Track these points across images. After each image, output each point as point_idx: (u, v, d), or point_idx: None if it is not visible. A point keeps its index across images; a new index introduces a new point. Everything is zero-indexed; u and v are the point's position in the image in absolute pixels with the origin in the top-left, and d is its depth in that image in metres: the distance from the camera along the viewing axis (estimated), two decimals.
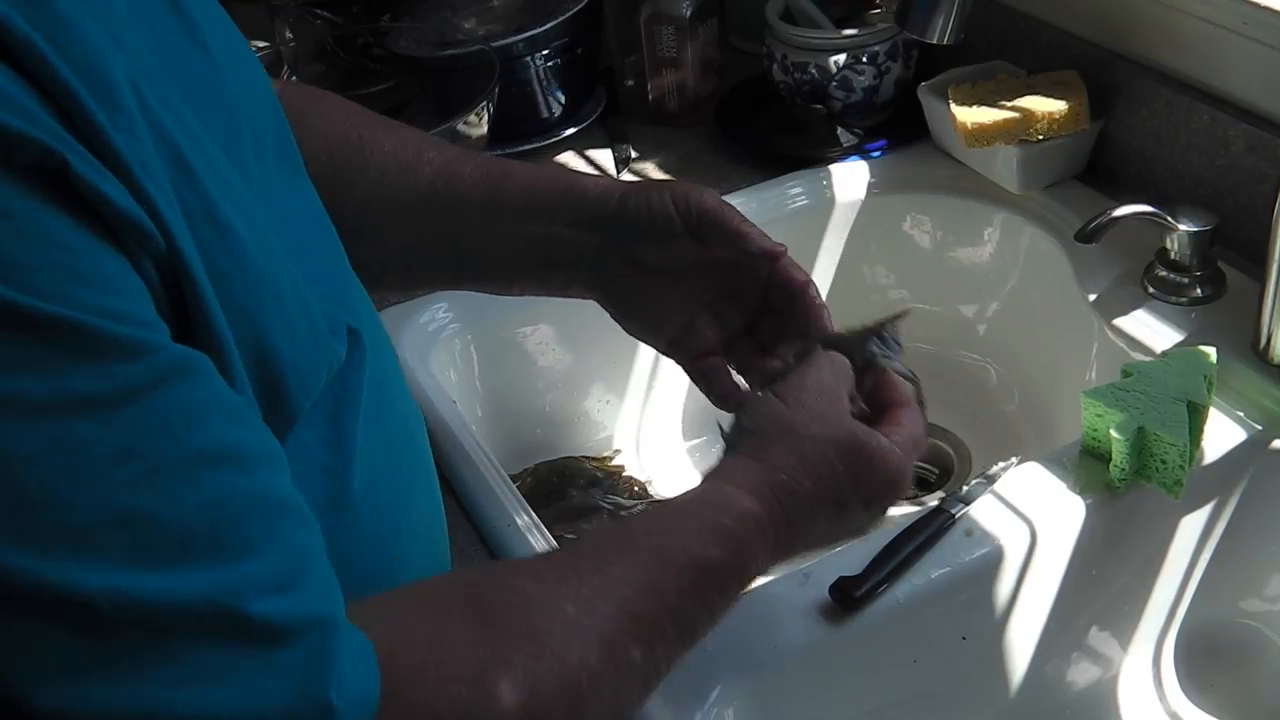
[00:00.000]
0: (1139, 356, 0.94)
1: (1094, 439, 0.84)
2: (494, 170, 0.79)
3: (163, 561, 0.41)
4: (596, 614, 0.55)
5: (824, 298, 1.19)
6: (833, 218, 1.18)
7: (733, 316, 0.79)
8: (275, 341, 0.51)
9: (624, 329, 0.81)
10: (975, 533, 0.81)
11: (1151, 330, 0.96)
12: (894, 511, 1.08)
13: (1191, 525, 0.89)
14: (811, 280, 0.77)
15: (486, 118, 1.13)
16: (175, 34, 0.53)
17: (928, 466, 1.16)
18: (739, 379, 0.79)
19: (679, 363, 0.80)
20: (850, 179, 1.18)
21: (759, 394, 0.71)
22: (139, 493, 0.41)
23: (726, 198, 1.14)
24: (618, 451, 1.15)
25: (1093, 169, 1.11)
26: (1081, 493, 0.83)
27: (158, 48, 0.50)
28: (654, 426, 1.18)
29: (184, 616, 0.41)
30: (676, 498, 0.66)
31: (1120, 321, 0.98)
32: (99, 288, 0.42)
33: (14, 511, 0.39)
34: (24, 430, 0.39)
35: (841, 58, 1.17)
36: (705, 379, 0.79)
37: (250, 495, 0.44)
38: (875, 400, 0.73)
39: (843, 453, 0.67)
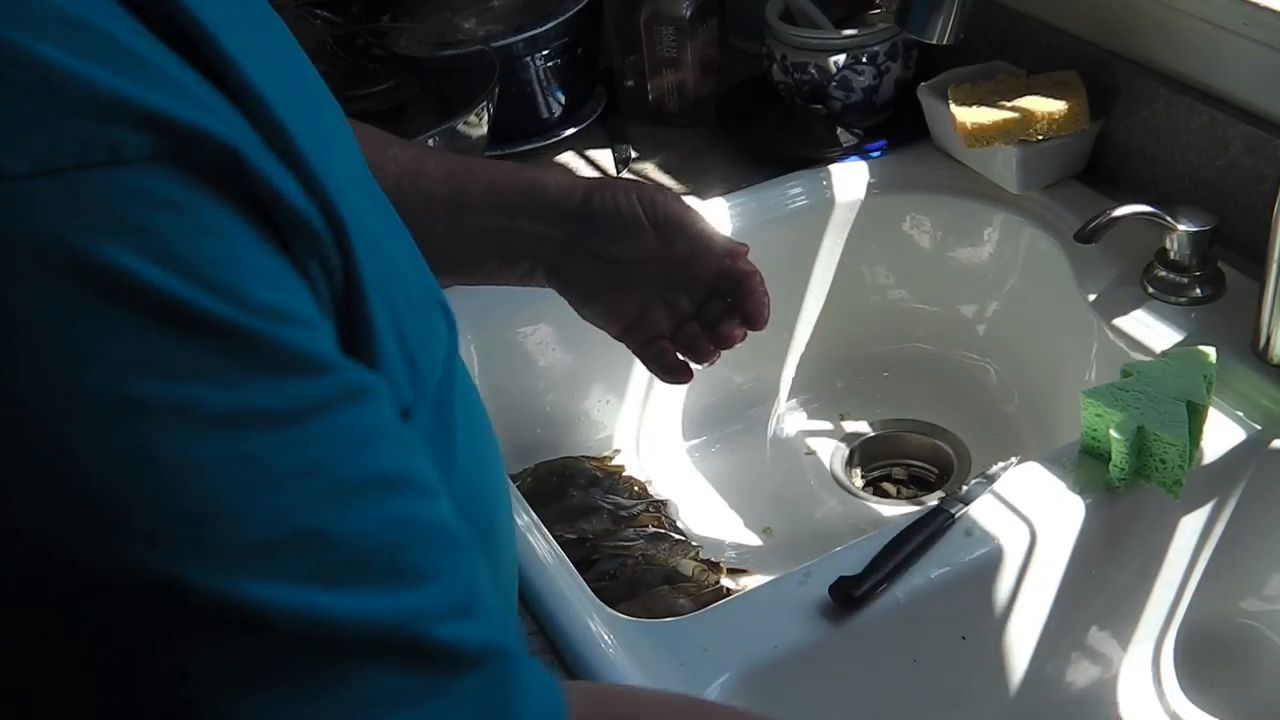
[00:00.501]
0: (1139, 356, 0.94)
1: (1094, 439, 0.84)
2: (457, 167, 0.82)
3: (343, 581, 0.40)
4: None
5: (824, 298, 1.20)
6: (833, 218, 1.18)
7: (683, 304, 0.83)
8: (404, 321, 0.51)
9: (580, 315, 0.84)
10: (975, 533, 0.81)
11: (1151, 330, 0.96)
12: (894, 511, 1.09)
13: (1191, 525, 0.89)
14: (757, 271, 0.82)
15: (486, 118, 1.14)
16: (249, 19, 0.53)
17: (928, 466, 1.16)
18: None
19: (630, 346, 0.84)
20: (850, 179, 1.18)
21: None
22: (318, 511, 0.40)
23: (726, 198, 1.16)
24: (617, 451, 1.15)
25: (1092, 169, 1.11)
26: (1081, 493, 0.83)
27: (253, 25, 0.50)
28: (654, 426, 1.18)
29: (365, 637, 0.40)
30: None
31: (1120, 321, 0.98)
32: (271, 286, 0.40)
33: (190, 525, 0.38)
34: (202, 441, 0.38)
35: (841, 58, 1.17)
36: (654, 359, 0.83)
37: (425, 522, 0.43)
38: None
39: None
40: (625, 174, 1.23)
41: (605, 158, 1.27)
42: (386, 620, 0.41)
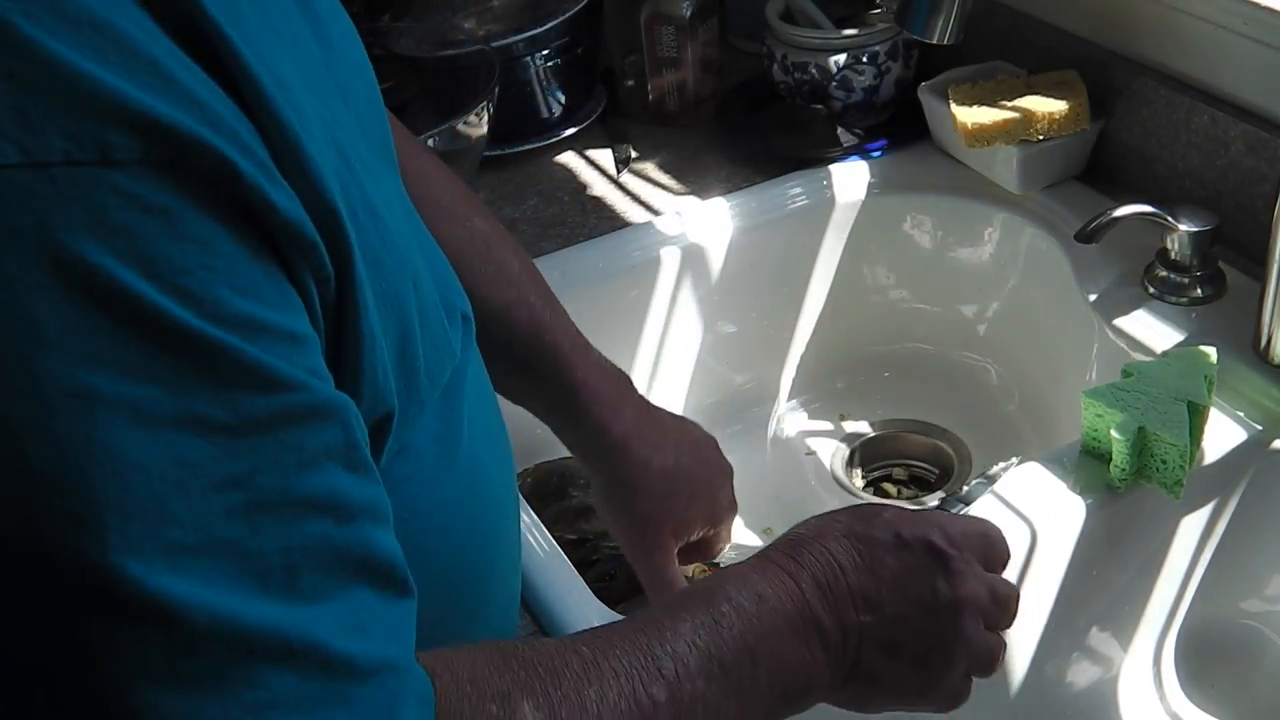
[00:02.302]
0: (1139, 356, 0.94)
1: (1094, 439, 0.84)
2: (538, 322, 0.82)
3: (247, 590, 0.41)
4: (610, 655, 0.55)
5: (824, 298, 1.20)
6: (833, 218, 1.18)
7: None
8: (413, 330, 0.52)
9: None
10: None
11: (1152, 330, 0.96)
12: None
13: (1192, 525, 0.89)
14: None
15: (486, 118, 1.13)
16: (303, 25, 0.53)
17: (928, 466, 1.16)
18: None
19: None
20: (850, 179, 1.18)
21: None
22: (234, 523, 0.41)
23: (726, 198, 1.16)
24: None
25: (1093, 169, 1.11)
26: (1081, 493, 0.83)
27: (303, 37, 0.51)
28: None
29: (266, 642, 0.42)
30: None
31: (1120, 321, 0.98)
32: (249, 296, 0.42)
33: (120, 516, 0.39)
34: (142, 439, 0.39)
35: (841, 58, 1.17)
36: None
37: (333, 548, 0.44)
38: None
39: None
40: (625, 174, 1.23)
41: (605, 157, 1.27)
42: (284, 629, 0.42)
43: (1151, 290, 0.98)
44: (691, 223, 1.14)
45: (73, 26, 0.39)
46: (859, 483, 1.15)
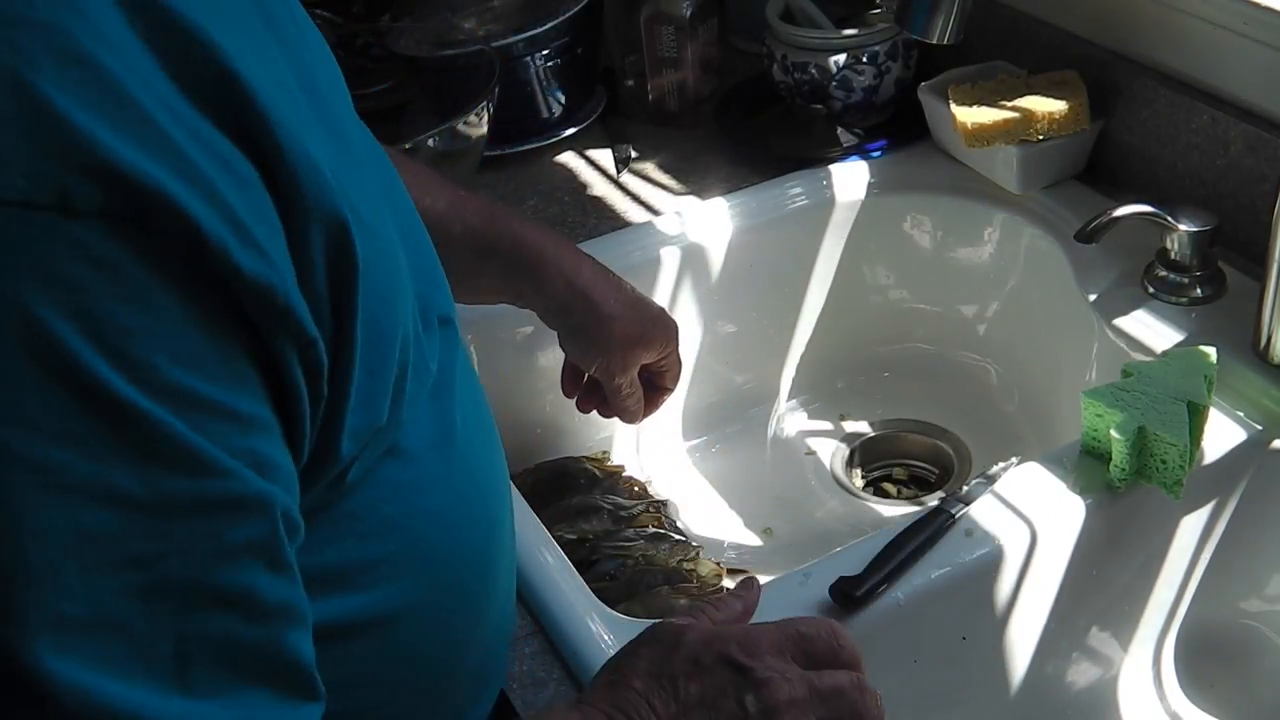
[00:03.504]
0: (1139, 356, 0.94)
1: (1094, 439, 0.84)
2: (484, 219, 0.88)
3: (130, 674, 0.40)
4: None
5: (824, 298, 1.20)
6: (833, 218, 1.18)
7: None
8: (406, 333, 0.52)
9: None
10: (975, 533, 0.81)
11: (1151, 330, 0.96)
12: (894, 511, 1.09)
13: (1191, 525, 0.89)
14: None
15: (486, 118, 1.13)
16: (287, 22, 0.51)
17: (928, 466, 1.16)
18: None
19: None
20: (850, 179, 1.18)
21: None
22: (130, 603, 0.39)
23: (726, 198, 1.16)
24: (605, 453, 1.14)
25: (1093, 169, 1.11)
26: (1081, 493, 0.83)
27: (291, 39, 0.49)
28: (654, 427, 1.17)
29: None
30: None
31: (1120, 321, 0.98)
32: (189, 366, 0.40)
33: (10, 585, 0.37)
34: (50, 505, 0.38)
35: (841, 58, 1.17)
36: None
37: (236, 646, 0.43)
38: None
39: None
40: (626, 174, 1.23)
41: (605, 157, 1.27)
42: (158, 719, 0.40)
43: (1151, 290, 0.98)
44: (691, 223, 1.14)
45: (59, 59, 0.37)
46: (859, 483, 1.15)
